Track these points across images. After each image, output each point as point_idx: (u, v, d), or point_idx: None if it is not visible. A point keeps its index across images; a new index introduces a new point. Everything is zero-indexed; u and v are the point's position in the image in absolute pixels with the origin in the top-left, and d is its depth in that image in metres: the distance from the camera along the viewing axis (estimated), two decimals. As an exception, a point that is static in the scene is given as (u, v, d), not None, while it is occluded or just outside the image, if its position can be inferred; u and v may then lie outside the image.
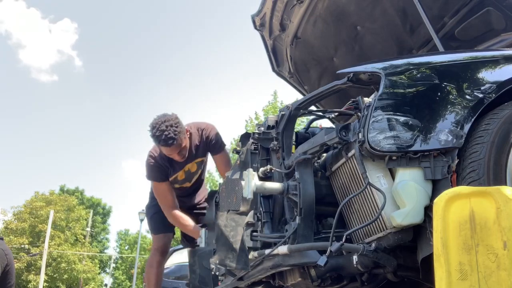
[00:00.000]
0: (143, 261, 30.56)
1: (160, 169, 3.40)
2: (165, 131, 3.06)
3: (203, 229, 3.36)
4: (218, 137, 3.45)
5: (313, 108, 2.85)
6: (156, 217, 3.68)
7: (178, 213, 3.47)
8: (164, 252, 3.69)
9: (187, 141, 3.26)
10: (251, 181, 2.02)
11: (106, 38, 58.95)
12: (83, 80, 57.04)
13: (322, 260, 1.81)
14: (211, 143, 3.42)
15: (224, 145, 3.50)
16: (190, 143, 3.35)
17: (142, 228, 27.60)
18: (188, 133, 3.31)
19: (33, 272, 24.69)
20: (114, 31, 59.97)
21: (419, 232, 1.78)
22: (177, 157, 3.25)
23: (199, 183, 3.74)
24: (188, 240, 3.68)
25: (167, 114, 3.19)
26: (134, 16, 60.35)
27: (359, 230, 1.93)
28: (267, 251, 2.13)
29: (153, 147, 3.41)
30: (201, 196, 3.80)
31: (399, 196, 1.73)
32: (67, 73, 56.40)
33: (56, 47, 61.81)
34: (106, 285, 35.89)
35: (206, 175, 4.32)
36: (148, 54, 60.45)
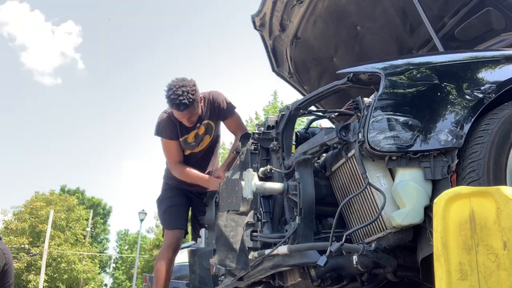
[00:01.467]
0: (143, 261, 30.59)
1: (171, 126, 3.38)
2: (180, 96, 3.07)
3: (203, 229, 3.36)
4: (224, 101, 3.40)
5: (313, 108, 2.85)
6: (170, 211, 3.63)
7: (186, 167, 3.45)
8: (176, 250, 3.61)
9: (199, 109, 3.26)
10: (251, 181, 2.02)
11: (107, 40, 59.06)
12: (85, 82, 57.18)
13: (322, 260, 1.81)
14: (218, 107, 3.39)
15: (234, 107, 3.45)
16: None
17: (142, 228, 27.61)
18: (202, 101, 3.31)
19: (33, 272, 24.68)
20: (115, 33, 60.04)
21: (419, 232, 1.78)
22: (186, 122, 3.26)
23: (210, 150, 3.65)
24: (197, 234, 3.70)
25: (186, 79, 3.19)
26: (135, 17, 60.41)
27: (359, 230, 1.93)
28: (267, 251, 2.13)
29: (168, 107, 3.38)
30: (213, 166, 3.73)
31: (399, 196, 1.73)
32: (70, 76, 56.60)
33: (59, 49, 61.95)
34: (106, 285, 35.90)
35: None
36: (148, 55, 60.53)
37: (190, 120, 3.25)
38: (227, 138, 18.54)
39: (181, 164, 3.48)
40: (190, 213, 3.76)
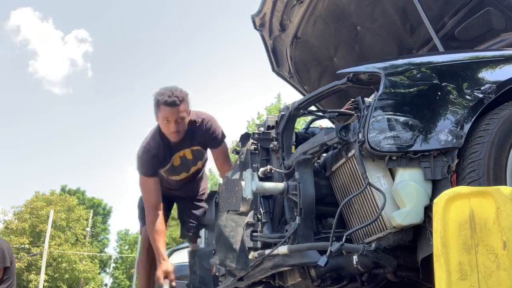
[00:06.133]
0: (143, 261, 30.51)
1: (151, 161, 3.19)
2: (171, 94, 3.02)
3: (203, 229, 3.36)
4: (219, 130, 3.28)
5: (313, 108, 2.84)
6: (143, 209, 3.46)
7: (160, 223, 3.23)
8: (150, 247, 3.37)
9: (188, 116, 3.14)
10: (251, 182, 2.02)
11: (113, 46, 59.32)
12: (91, 87, 57.47)
13: (322, 260, 1.81)
14: (212, 136, 3.25)
15: (224, 137, 3.34)
16: (188, 127, 3.17)
17: (142, 228, 27.51)
18: (189, 115, 3.17)
19: (33, 272, 24.71)
20: (119, 38, 60.17)
21: (419, 232, 1.78)
22: (173, 127, 3.05)
23: (199, 175, 3.56)
24: (188, 230, 3.54)
25: (178, 87, 3.15)
26: (136, 20, 60.43)
27: (359, 230, 1.93)
28: (267, 251, 2.13)
29: (147, 138, 3.23)
30: (203, 186, 3.65)
31: (399, 196, 1.73)
32: (80, 84, 57.11)
33: (69, 57, 62.46)
34: (106, 285, 35.88)
35: (207, 172, 4.10)
36: (151, 58, 60.78)
37: (178, 127, 3.06)
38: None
39: (157, 211, 3.22)
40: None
